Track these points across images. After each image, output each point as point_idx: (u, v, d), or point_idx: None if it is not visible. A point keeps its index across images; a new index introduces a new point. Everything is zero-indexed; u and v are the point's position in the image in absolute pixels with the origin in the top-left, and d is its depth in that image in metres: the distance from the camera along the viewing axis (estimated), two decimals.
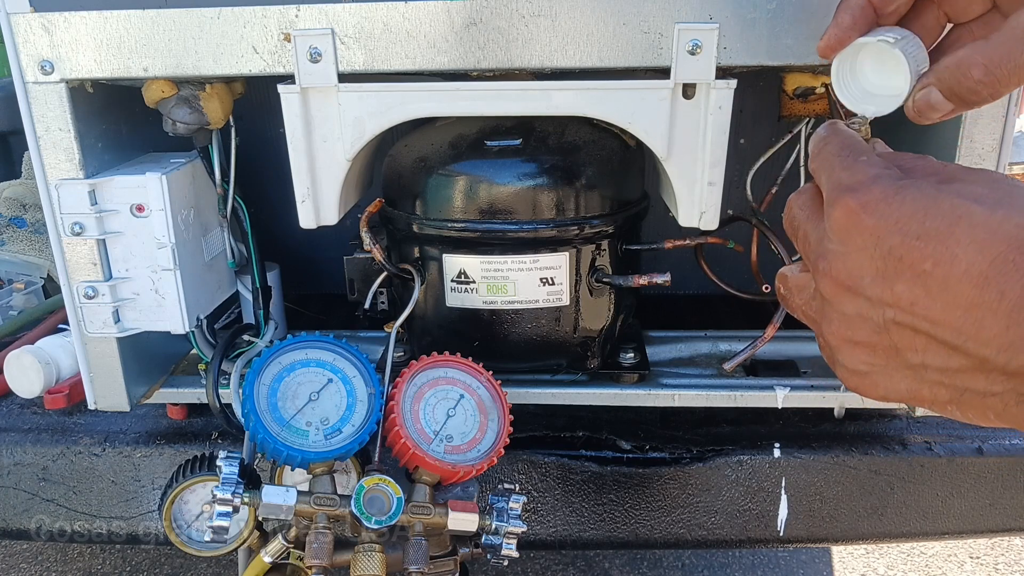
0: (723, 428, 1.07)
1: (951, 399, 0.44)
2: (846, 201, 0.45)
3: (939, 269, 0.41)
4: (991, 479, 1.02)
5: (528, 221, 0.92)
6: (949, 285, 0.41)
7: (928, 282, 0.41)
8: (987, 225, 0.40)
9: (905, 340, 0.44)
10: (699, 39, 0.79)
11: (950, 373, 0.42)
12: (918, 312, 0.42)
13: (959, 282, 0.40)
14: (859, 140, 0.52)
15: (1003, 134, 0.83)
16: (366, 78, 0.84)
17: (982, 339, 0.40)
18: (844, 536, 1.06)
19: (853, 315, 0.46)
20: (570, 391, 1.03)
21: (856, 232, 0.45)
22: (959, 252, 0.40)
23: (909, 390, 0.45)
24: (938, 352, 0.42)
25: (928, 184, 0.44)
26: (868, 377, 0.47)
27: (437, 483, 0.83)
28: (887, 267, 0.43)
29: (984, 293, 0.39)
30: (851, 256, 0.45)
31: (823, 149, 0.52)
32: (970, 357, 0.41)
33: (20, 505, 1.07)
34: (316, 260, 1.33)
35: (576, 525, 1.04)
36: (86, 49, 0.83)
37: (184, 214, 0.94)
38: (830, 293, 0.47)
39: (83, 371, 0.98)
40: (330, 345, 0.86)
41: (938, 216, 0.42)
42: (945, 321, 0.41)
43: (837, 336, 0.47)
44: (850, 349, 0.47)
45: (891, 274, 0.43)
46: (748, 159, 1.04)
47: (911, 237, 0.42)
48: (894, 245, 0.43)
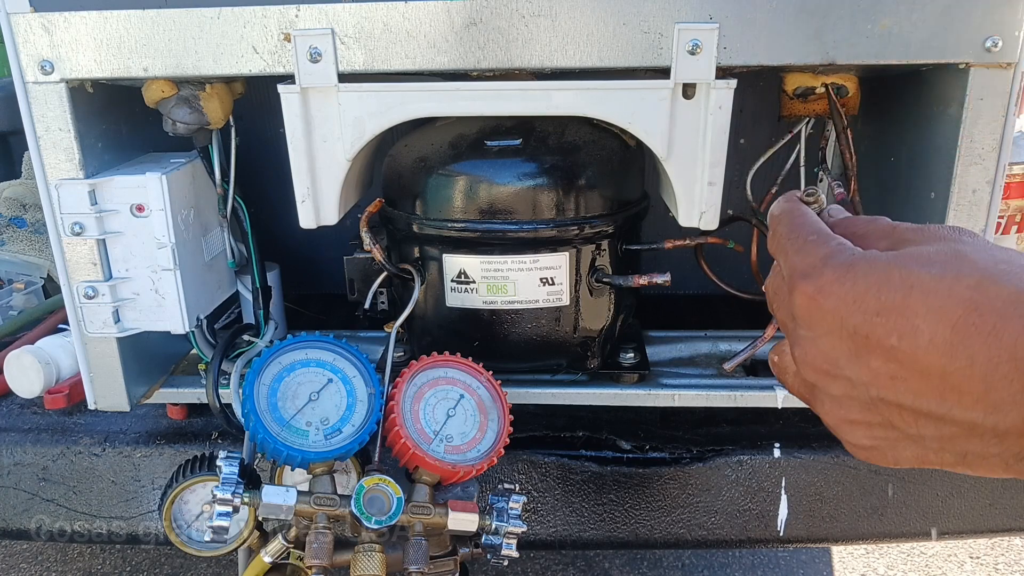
0: (723, 428, 1.07)
1: (957, 462, 0.43)
2: (803, 288, 0.45)
3: (905, 342, 0.41)
4: (991, 479, 1.02)
5: (528, 221, 0.92)
6: (918, 357, 0.40)
7: (898, 356, 0.41)
8: (939, 291, 0.40)
9: (895, 415, 0.43)
10: (699, 39, 0.79)
11: (946, 439, 0.42)
12: (899, 387, 0.42)
13: (927, 353, 0.40)
14: (808, 216, 0.51)
15: (1003, 134, 0.83)
16: (366, 78, 0.84)
17: (965, 405, 0.40)
18: (844, 536, 1.06)
19: (841, 396, 0.46)
20: (570, 391, 1.03)
21: (819, 317, 0.45)
22: (919, 323, 0.40)
23: (916, 457, 0.45)
24: (927, 423, 0.42)
25: (878, 256, 0.44)
26: (875, 450, 0.47)
27: (437, 483, 0.83)
28: (857, 346, 0.43)
29: (954, 361, 0.39)
30: (821, 340, 0.45)
31: (776, 231, 0.52)
32: (958, 424, 0.41)
33: (20, 505, 1.07)
34: (316, 260, 1.33)
35: (576, 525, 1.04)
36: (86, 49, 0.83)
37: (184, 214, 0.94)
38: (813, 378, 0.47)
39: (83, 371, 0.98)
40: (330, 345, 0.86)
41: (891, 289, 0.42)
42: (925, 392, 0.41)
43: (832, 416, 0.47)
44: (849, 428, 0.47)
45: (863, 352, 0.43)
46: (748, 159, 1.04)
47: (871, 314, 0.42)
48: (857, 324, 0.42)
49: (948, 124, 0.85)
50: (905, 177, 0.96)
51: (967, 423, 0.40)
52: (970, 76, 0.81)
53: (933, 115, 0.89)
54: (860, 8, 0.78)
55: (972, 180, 0.85)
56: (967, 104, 0.82)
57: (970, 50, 0.79)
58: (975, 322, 0.39)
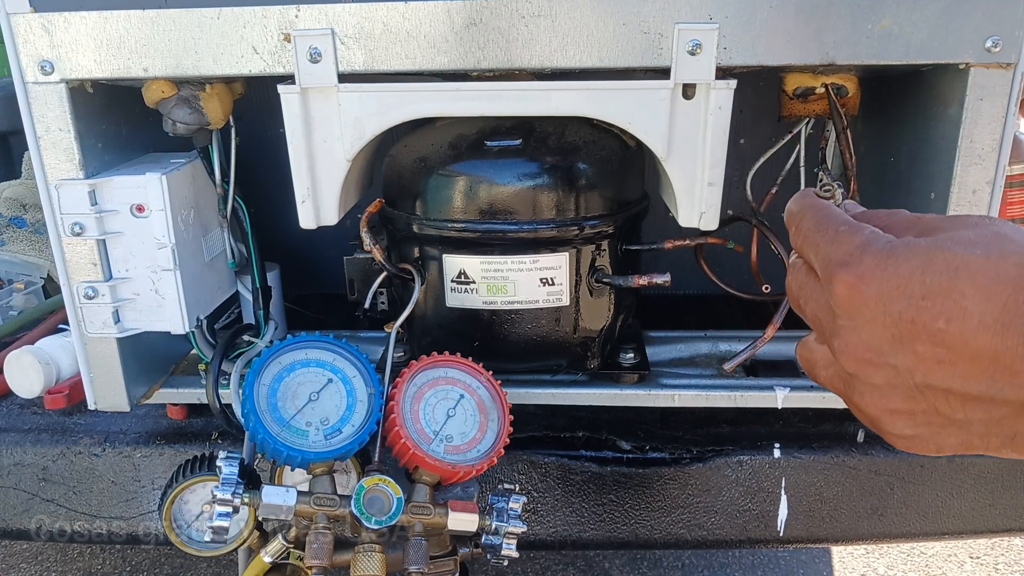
0: (723, 428, 1.07)
1: (1003, 444, 0.43)
2: (843, 277, 0.45)
3: (953, 325, 0.40)
4: (991, 479, 1.02)
5: (528, 221, 0.92)
6: (968, 339, 0.40)
7: (946, 339, 0.41)
8: (987, 271, 0.40)
9: (941, 401, 0.43)
10: (699, 39, 0.79)
11: (995, 422, 0.42)
12: (947, 371, 0.41)
13: (977, 334, 0.39)
14: (833, 209, 0.51)
15: (1003, 134, 0.83)
16: (366, 78, 0.84)
17: (1018, 384, 0.39)
18: (844, 536, 1.06)
19: (884, 385, 0.45)
20: (570, 391, 1.03)
21: (861, 305, 0.44)
22: (967, 304, 0.40)
23: (961, 443, 0.45)
24: (976, 406, 0.42)
25: (919, 241, 0.44)
26: (917, 439, 0.46)
27: (437, 483, 0.83)
28: (902, 332, 0.42)
29: (1006, 339, 0.39)
30: (863, 329, 0.44)
31: (800, 226, 0.51)
32: (1010, 404, 0.40)
33: (20, 505, 1.07)
34: (316, 260, 1.33)
35: (576, 525, 1.04)
36: (86, 49, 0.83)
37: (184, 214, 0.94)
38: (854, 368, 0.46)
39: (83, 371, 0.98)
40: (330, 345, 0.86)
41: (936, 272, 0.41)
42: (975, 375, 0.40)
43: (874, 407, 0.46)
44: (891, 418, 0.46)
45: (908, 338, 0.42)
46: (748, 159, 1.04)
47: (916, 298, 0.41)
48: (902, 309, 0.42)
49: (948, 124, 0.85)
50: (905, 177, 0.96)
51: (1020, 402, 0.40)
52: (970, 76, 0.81)
53: (933, 115, 0.89)
54: (860, 8, 0.78)
55: (972, 180, 0.85)
56: (967, 104, 0.82)
57: (970, 50, 0.79)
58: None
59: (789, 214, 0.53)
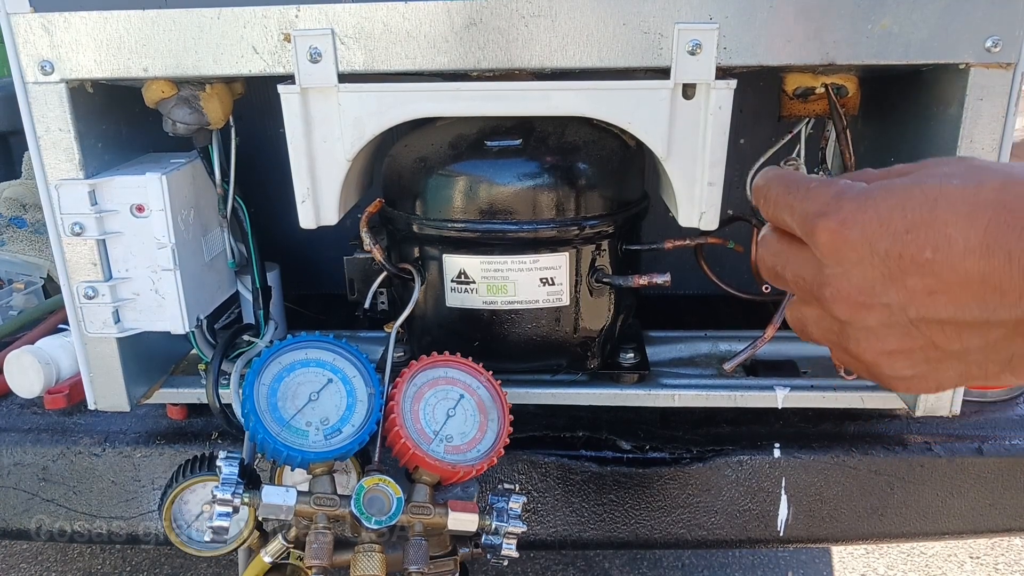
0: (723, 428, 1.07)
1: (1001, 369, 0.43)
2: (825, 225, 0.45)
3: (940, 254, 0.41)
4: (991, 479, 1.02)
5: (528, 221, 0.92)
6: (955, 265, 0.40)
7: (935, 268, 0.41)
8: (966, 198, 0.41)
9: (936, 333, 0.43)
10: (699, 39, 0.79)
11: (991, 347, 0.42)
12: (939, 301, 0.42)
13: (963, 259, 0.40)
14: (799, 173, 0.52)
15: (1003, 134, 0.83)
16: (366, 78, 0.84)
17: (1009, 302, 0.40)
18: (844, 536, 1.06)
19: (878, 327, 0.45)
20: (570, 391, 1.03)
21: (847, 248, 0.44)
22: (951, 232, 0.40)
23: (960, 374, 0.45)
24: (972, 333, 0.42)
25: (894, 181, 0.44)
26: (916, 379, 0.46)
27: (437, 483, 0.83)
28: (890, 268, 0.43)
29: (992, 260, 0.39)
30: (852, 272, 0.45)
31: (768, 195, 0.51)
32: (1004, 325, 0.41)
33: (20, 505, 1.07)
34: (316, 260, 1.33)
35: (576, 525, 1.04)
36: (86, 49, 0.83)
37: (184, 214, 0.94)
38: (847, 314, 0.46)
39: (83, 371, 0.98)
40: (330, 345, 0.86)
41: (916, 206, 0.42)
42: (966, 300, 0.41)
43: (871, 351, 0.47)
44: (889, 360, 0.46)
45: (897, 273, 0.43)
46: (748, 159, 1.04)
47: (900, 233, 0.42)
48: (888, 246, 0.42)
49: (948, 124, 0.85)
50: None
51: (1012, 321, 0.40)
52: (970, 76, 0.81)
53: (933, 115, 0.89)
54: (860, 8, 0.78)
55: None
56: (967, 104, 0.82)
57: (970, 50, 0.79)
58: (1006, 220, 0.39)
59: (756, 188, 0.53)
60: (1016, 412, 1.08)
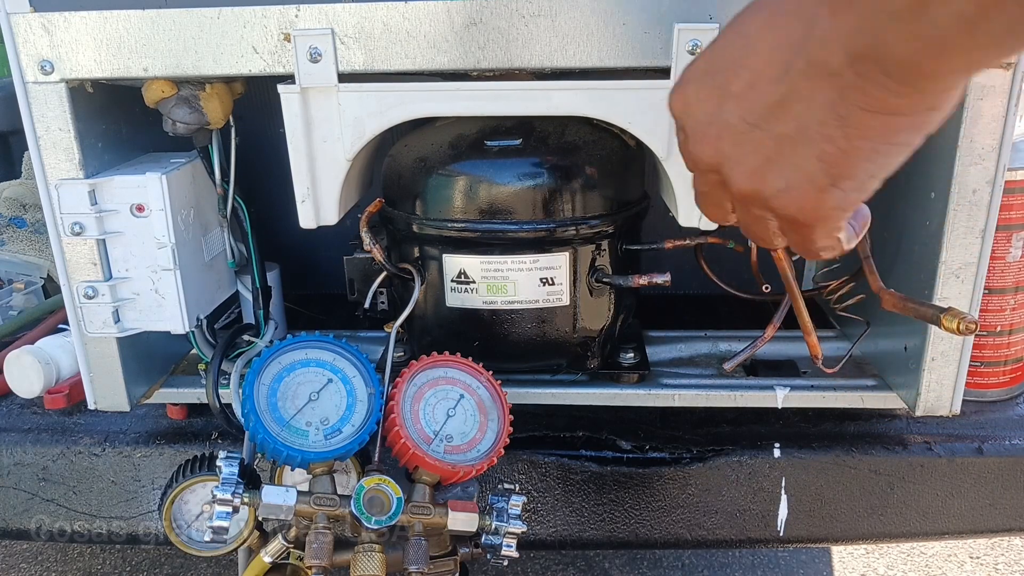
0: (723, 428, 1.07)
1: (842, 130, 0.43)
2: (670, 97, 0.51)
3: (742, 51, 0.46)
4: (991, 479, 1.02)
5: (528, 221, 0.92)
6: (755, 48, 0.45)
7: (745, 63, 0.45)
8: (760, 13, 0.45)
9: (775, 122, 0.45)
10: (699, 39, 0.79)
11: (819, 110, 0.43)
12: (759, 89, 0.45)
13: (759, 39, 0.44)
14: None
15: (1003, 135, 0.83)
16: (366, 78, 0.84)
17: (815, 40, 0.41)
18: (844, 536, 1.06)
19: (735, 150, 0.48)
20: (570, 391, 1.03)
21: (687, 101, 0.50)
22: (751, 32, 0.45)
23: (819, 160, 0.45)
24: (798, 102, 0.44)
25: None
26: (792, 190, 0.47)
27: (437, 483, 0.83)
28: (720, 90, 0.47)
29: (778, 23, 0.44)
30: (697, 115, 0.49)
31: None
32: (815, 70, 0.42)
33: (20, 505, 1.07)
34: (316, 260, 1.33)
35: (576, 525, 1.04)
36: (86, 49, 0.83)
37: (184, 214, 0.94)
38: (713, 155, 0.49)
39: (83, 371, 0.98)
40: (330, 345, 0.86)
41: (726, 34, 0.47)
42: (776, 63, 0.44)
43: (745, 180, 0.48)
44: (762, 180, 0.48)
45: (725, 89, 0.47)
46: None
47: (718, 60, 0.47)
48: (712, 73, 0.48)
49: (948, 124, 0.85)
50: (905, 177, 0.95)
51: (818, 62, 0.42)
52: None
53: None
54: None
55: (972, 180, 0.85)
56: (967, 104, 0.82)
57: None
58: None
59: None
60: (1016, 412, 1.08)
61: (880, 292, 0.87)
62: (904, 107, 0.41)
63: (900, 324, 0.98)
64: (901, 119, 0.42)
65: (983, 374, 1.08)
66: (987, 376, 1.09)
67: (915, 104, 0.41)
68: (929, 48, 0.38)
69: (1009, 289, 1.04)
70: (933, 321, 0.76)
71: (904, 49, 0.38)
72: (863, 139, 0.43)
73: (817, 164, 0.45)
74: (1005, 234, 1.00)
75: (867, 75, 0.40)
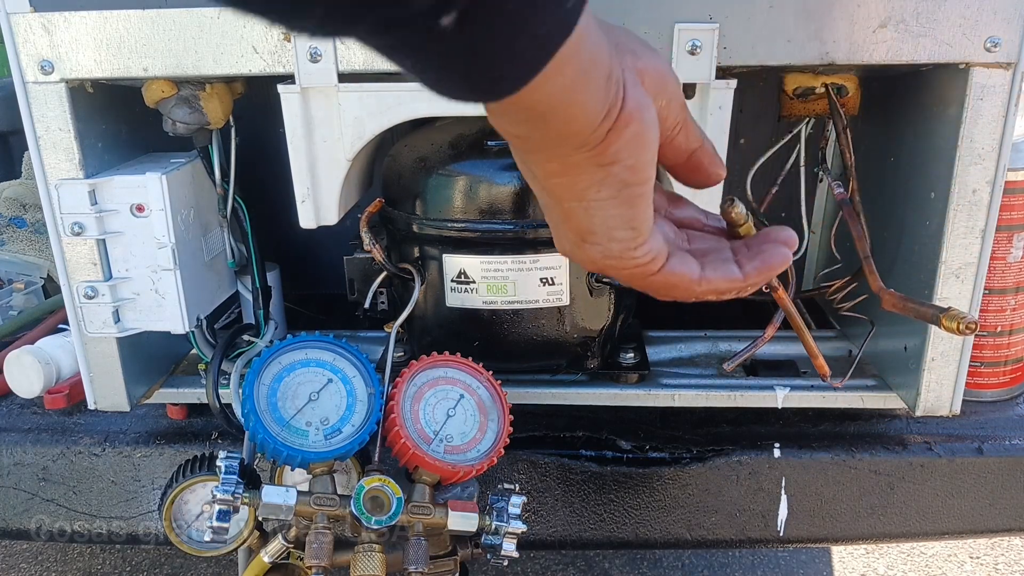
0: (723, 428, 1.07)
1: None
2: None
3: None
4: (991, 479, 1.02)
5: (528, 221, 0.92)
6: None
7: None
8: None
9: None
10: (699, 39, 0.79)
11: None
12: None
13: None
14: None
15: (1003, 135, 0.83)
16: (366, 78, 0.84)
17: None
18: (844, 536, 1.06)
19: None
20: (570, 391, 1.03)
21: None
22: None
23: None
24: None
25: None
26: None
27: (437, 483, 0.83)
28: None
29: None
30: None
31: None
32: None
33: (20, 505, 1.07)
34: (316, 260, 1.33)
35: (576, 525, 1.04)
36: (86, 49, 0.83)
37: (184, 214, 0.94)
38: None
39: (83, 371, 0.98)
40: (330, 345, 0.86)
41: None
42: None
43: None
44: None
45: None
46: (748, 159, 1.04)
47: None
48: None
49: (948, 124, 0.85)
50: (905, 177, 0.96)
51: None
52: (970, 76, 0.81)
53: (933, 115, 0.89)
54: (860, 8, 0.78)
55: (972, 180, 0.85)
56: (967, 104, 0.82)
57: (970, 50, 0.79)
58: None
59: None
60: (1016, 412, 1.08)
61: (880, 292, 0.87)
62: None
63: (900, 324, 0.98)
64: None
65: (983, 374, 1.08)
66: (987, 376, 1.09)
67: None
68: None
69: (1009, 289, 1.04)
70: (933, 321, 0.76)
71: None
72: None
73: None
74: (1006, 234, 1.00)
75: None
